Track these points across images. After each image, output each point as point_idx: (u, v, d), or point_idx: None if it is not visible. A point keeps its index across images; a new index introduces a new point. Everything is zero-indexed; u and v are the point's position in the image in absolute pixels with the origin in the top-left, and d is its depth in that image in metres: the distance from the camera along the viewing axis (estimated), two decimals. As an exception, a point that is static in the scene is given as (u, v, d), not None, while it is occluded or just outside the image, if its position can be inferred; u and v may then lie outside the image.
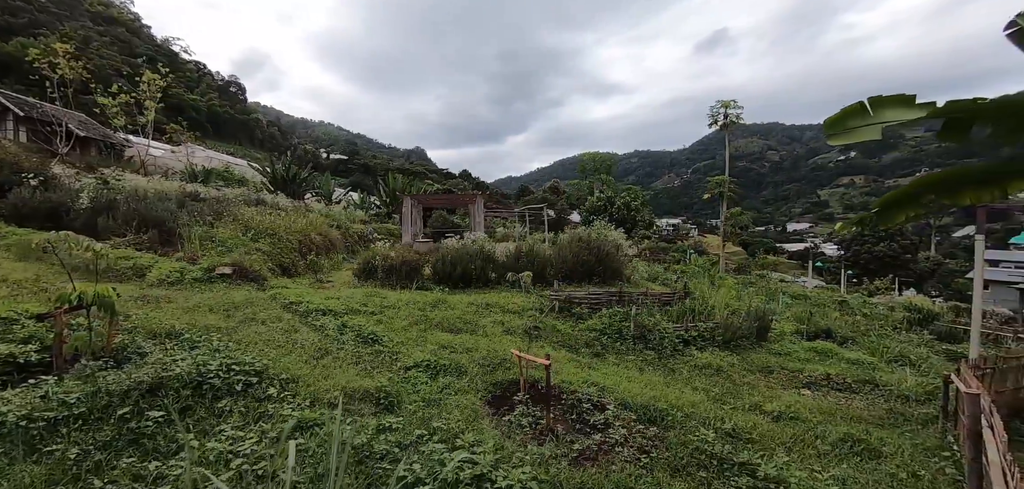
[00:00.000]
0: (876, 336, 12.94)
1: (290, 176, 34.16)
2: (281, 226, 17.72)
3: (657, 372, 8.14)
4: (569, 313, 10.64)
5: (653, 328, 9.76)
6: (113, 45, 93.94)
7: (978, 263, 6.86)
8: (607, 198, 26.43)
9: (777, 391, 7.99)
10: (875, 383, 8.64)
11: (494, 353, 7.72)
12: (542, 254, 12.70)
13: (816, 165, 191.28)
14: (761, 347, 10.73)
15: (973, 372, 6.23)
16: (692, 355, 9.27)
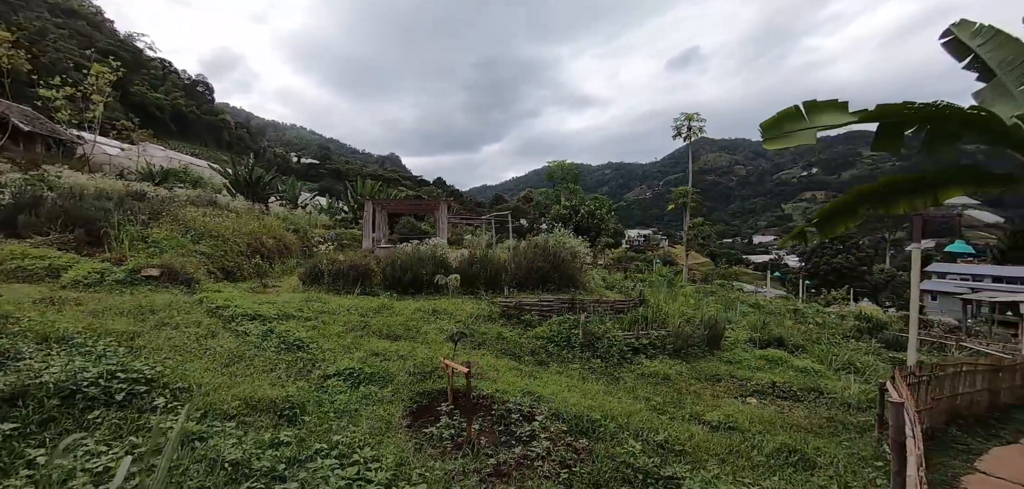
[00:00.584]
0: (826, 344, 13.07)
1: (253, 179, 32.90)
2: (229, 228, 16.85)
3: (600, 381, 7.85)
4: (518, 320, 10.28)
5: (602, 336, 9.49)
6: (72, 38, 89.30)
7: (915, 273, 6.85)
8: (572, 206, 26.38)
9: (723, 400, 7.81)
10: (820, 391, 8.58)
11: (430, 361, 7.26)
12: (496, 260, 12.33)
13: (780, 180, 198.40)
14: (713, 355, 10.62)
15: (908, 380, 6.15)
16: (641, 363, 9.04)
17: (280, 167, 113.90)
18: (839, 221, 6.29)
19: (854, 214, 6.17)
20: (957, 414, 7.55)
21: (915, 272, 6.93)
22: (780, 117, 5.77)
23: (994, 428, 7.98)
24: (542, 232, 18.09)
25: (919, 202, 5.79)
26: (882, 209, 6.08)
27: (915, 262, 6.92)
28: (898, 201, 5.90)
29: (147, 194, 19.63)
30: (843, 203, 6.02)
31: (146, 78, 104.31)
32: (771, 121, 5.81)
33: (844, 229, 6.38)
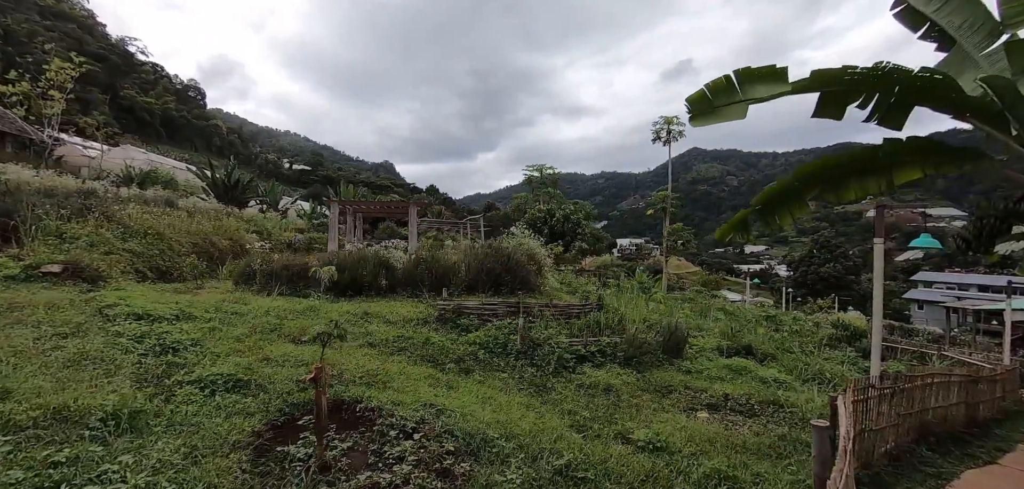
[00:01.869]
0: (798, 353, 12.22)
1: (231, 182, 31.87)
2: (176, 228, 15.90)
3: (525, 393, 6.92)
4: (455, 324, 9.35)
5: (544, 342, 8.58)
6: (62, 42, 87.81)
7: (877, 272, 6.02)
8: (548, 210, 25.55)
9: (667, 414, 6.90)
10: (780, 404, 7.70)
11: (333, 367, 6.33)
12: (444, 261, 11.40)
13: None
14: (672, 364, 9.72)
15: (867, 394, 5.28)
16: (584, 372, 8.12)
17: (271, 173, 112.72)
18: (783, 208, 5.45)
19: (799, 200, 5.34)
20: (928, 431, 6.68)
21: (877, 271, 6.10)
22: (709, 89, 4.94)
23: (970, 446, 7.12)
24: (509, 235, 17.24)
25: (871, 185, 4.97)
26: (830, 195, 5.26)
27: (877, 258, 6.08)
28: (848, 184, 5.08)
29: (97, 192, 18.58)
30: (785, 187, 5.20)
31: (137, 82, 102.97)
32: (698, 94, 4.97)
33: (790, 218, 5.55)
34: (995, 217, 3.72)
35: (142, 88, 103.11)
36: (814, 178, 5.06)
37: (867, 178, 4.93)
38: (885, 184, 4.83)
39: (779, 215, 5.56)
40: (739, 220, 5.78)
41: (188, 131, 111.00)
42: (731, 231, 5.84)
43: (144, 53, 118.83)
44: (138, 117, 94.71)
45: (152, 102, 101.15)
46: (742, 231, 5.83)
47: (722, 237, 5.98)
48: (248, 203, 36.06)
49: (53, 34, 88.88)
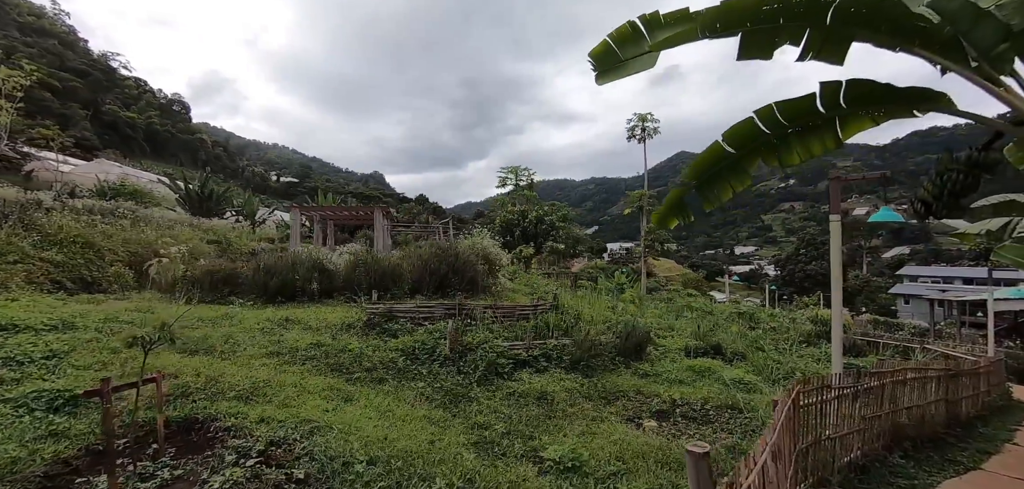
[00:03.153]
0: (772, 351, 11.40)
1: (205, 193, 30.70)
2: (110, 237, 14.83)
3: (439, 405, 5.99)
4: (384, 329, 8.40)
5: (479, 346, 7.65)
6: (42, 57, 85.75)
7: (834, 253, 5.19)
8: (520, 212, 24.67)
9: (606, 425, 5.98)
10: (739, 408, 6.83)
11: (216, 378, 5.44)
12: (385, 263, 10.46)
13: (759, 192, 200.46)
14: (629, 367, 8.84)
15: (823, 395, 4.41)
16: (520, 379, 7.20)
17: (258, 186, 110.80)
18: (721, 181, 4.61)
19: (738, 169, 4.50)
20: (902, 435, 5.83)
21: (835, 253, 5.26)
22: (614, 40, 4.10)
23: (951, 450, 6.29)
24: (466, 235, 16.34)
25: (815, 143, 4.14)
26: (772, 159, 4.42)
27: (834, 236, 5.26)
28: (789, 145, 4.24)
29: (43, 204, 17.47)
30: (718, 155, 4.35)
31: (120, 97, 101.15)
32: (601, 47, 4.11)
33: (731, 192, 4.71)
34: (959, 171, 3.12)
35: (125, 103, 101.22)
36: (749, 140, 4.22)
37: (810, 136, 4.10)
38: (831, 140, 4.00)
39: (718, 189, 4.72)
40: (674, 200, 4.93)
41: (173, 145, 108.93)
42: (668, 213, 4.97)
43: (127, 68, 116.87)
44: (121, 132, 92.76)
45: (135, 117, 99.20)
46: (680, 212, 4.97)
47: (659, 223, 5.12)
48: (224, 215, 34.93)
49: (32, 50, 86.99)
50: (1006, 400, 10.46)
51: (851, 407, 4.90)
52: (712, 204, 4.80)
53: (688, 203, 5.04)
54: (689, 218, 4.97)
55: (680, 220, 5.04)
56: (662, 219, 5.05)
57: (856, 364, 11.71)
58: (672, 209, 4.96)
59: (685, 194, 4.83)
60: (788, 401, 3.49)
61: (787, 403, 3.47)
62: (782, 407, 3.29)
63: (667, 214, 4.98)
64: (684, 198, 4.93)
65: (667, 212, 4.97)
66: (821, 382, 4.36)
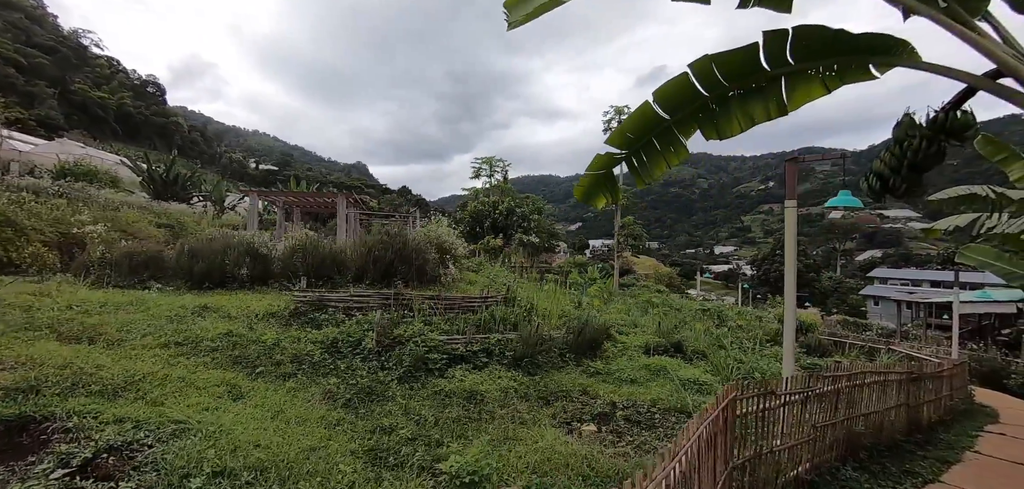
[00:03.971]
0: (735, 350, 10.95)
1: (170, 177, 29.02)
2: (39, 216, 13.66)
3: (345, 405, 5.27)
4: (310, 319, 7.62)
5: (411, 339, 6.94)
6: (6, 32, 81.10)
7: (789, 244, 4.62)
8: (491, 203, 23.97)
9: (538, 429, 5.35)
10: (688, 411, 6.28)
11: (76, 374, 4.61)
12: (322, 249, 9.64)
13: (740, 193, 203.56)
14: (580, 364, 8.25)
15: (751, 405, 3.83)
16: (452, 376, 6.52)
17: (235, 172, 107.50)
18: (654, 152, 3.99)
19: (672, 138, 3.87)
20: (858, 444, 5.33)
21: (789, 244, 4.70)
22: None
23: (910, 460, 5.84)
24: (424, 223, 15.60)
25: (758, 108, 3.53)
26: (711, 130, 3.81)
27: (789, 224, 4.69)
28: (730, 110, 3.64)
29: None
30: (649, 119, 3.71)
31: (90, 76, 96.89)
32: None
33: (665, 165, 4.09)
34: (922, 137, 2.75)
35: (96, 83, 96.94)
36: (684, 102, 3.60)
37: (752, 101, 3.49)
38: (775, 106, 3.41)
39: (651, 162, 4.08)
40: (599, 170, 4.27)
41: (146, 128, 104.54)
42: (592, 188, 4.32)
43: (99, 46, 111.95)
44: (91, 113, 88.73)
45: (106, 97, 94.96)
46: (606, 188, 4.33)
47: (583, 197, 4.46)
48: (190, 200, 33.41)
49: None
50: (968, 404, 10.22)
51: (800, 414, 4.34)
52: (643, 178, 4.17)
53: (613, 176, 4.38)
54: (618, 197, 4.34)
55: (608, 199, 4.39)
56: (586, 194, 4.38)
57: (820, 365, 11.39)
58: (597, 184, 4.31)
59: (611, 164, 4.17)
60: (715, 412, 2.87)
61: (713, 413, 2.86)
62: (703, 420, 2.67)
63: (591, 189, 4.32)
64: (610, 172, 4.27)
65: (591, 187, 4.30)
66: (764, 387, 3.78)
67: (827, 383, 4.68)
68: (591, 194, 4.43)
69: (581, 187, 4.41)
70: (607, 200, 4.49)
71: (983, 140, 5.59)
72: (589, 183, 4.34)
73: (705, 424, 2.70)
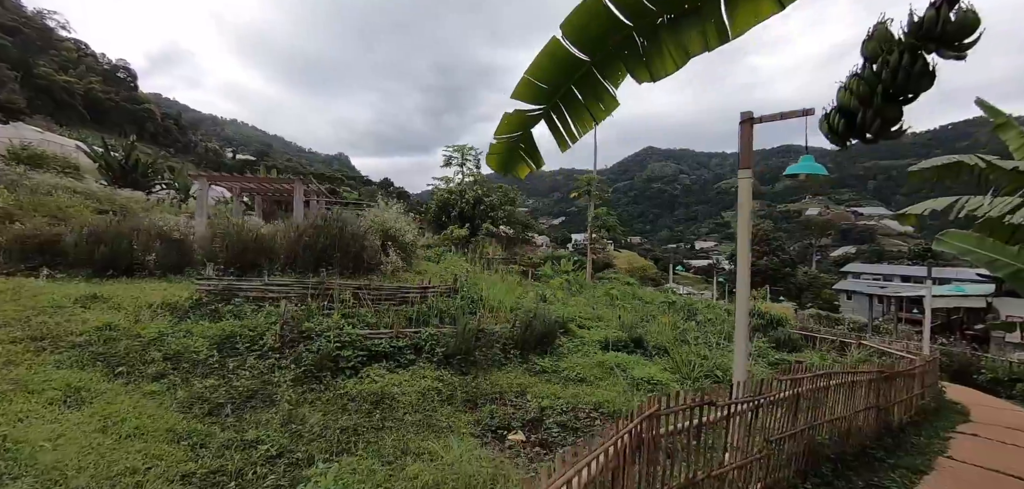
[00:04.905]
0: (699, 345, 10.28)
1: (129, 163, 26.99)
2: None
3: (209, 415, 4.35)
4: (214, 310, 6.63)
5: (323, 334, 6.02)
6: None
7: (743, 216, 3.85)
8: (459, 191, 23.00)
9: (450, 440, 4.51)
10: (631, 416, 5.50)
11: None
12: (247, 235, 8.61)
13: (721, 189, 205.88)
14: (526, 362, 7.44)
15: (679, 422, 3.04)
16: (367, 376, 5.63)
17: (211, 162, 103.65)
18: (575, 101, 3.17)
19: (594, 85, 3.06)
20: (821, 455, 4.62)
21: (743, 215, 3.93)
22: None
23: (877, 471, 5.17)
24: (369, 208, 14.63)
25: (694, 38, 2.69)
26: (642, 70, 2.98)
27: (743, 194, 3.92)
28: (660, 43, 2.83)
29: None
30: (561, 62, 2.88)
31: (56, 59, 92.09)
32: None
33: (590, 119, 3.27)
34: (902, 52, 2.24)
35: (62, 66, 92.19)
36: (603, 37, 2.77)
37: (686, 27, 2.69)
38: (714, 32, 2.61)
39: (574, 116, 3.24)
40: (515, 132, 3.41)
41: (116, 115, 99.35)
42: (507, 154, 3.43)
43: (65, 28, 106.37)
44: (57, 97, 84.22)
45: (73, 81, 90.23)
46: (527, 153, 3.48)
47: (500, 166, 3.58)
48: (152, 188, 31.56)
49: (-54, 4, 77.69)
50: (939, 401, 9.75)
51: (751, 426, 3.58)
52: (566, 141, 3.34)
53: (529, 137, 3.51)
54: (539, 162, 3.49)
55: (529, 165, 3.54)
56: (503, 163, 3.53)
57: (788, 361, 10.82)
58: (512, 150, 3.46)
59: (526, 125, 3.32)
60: (617, 436, 2.05)
61: (614, 438, 2.04)
62: (599, 448, 1.85)
63: (507, 157, 3.46)
64: (529, 133, 3.42)
65: (505, 154, 3.44)
66: (701, 398, 2.98)
67: (785, 387, 3.93)
68: (508, 162, 3.55)
69: (494, 155, 3.52)
70: (529, 167, 3.62)
71: (981, 105, 4.92)
72: (502, 149, 3.47)
73: (598, 455, 1.88)
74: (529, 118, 3.26)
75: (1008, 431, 8.25)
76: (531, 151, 3.42)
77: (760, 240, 56.40)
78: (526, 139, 3.36)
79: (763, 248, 54.61)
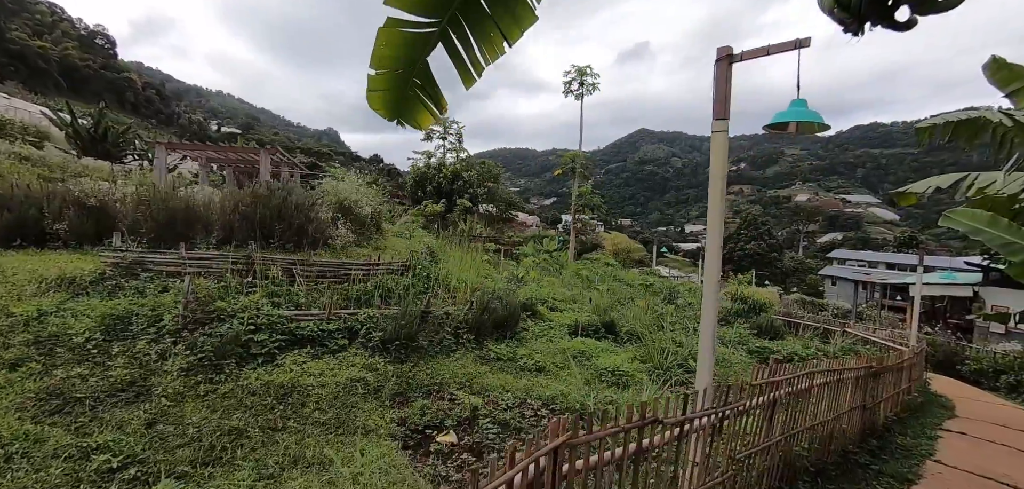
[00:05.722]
0: (679, 331, 9.63)
1: (98, 132, 25.24)
2: None
3: (54, 412, 3.55)
4: (115, 287, 5.77)
5: (237, 314, 5.21)
6: None
7: (715, 180, 3.07)
8: (437, 165, 22.01)
9: (358, 444, 3.76)
10: (584, 412, 4.81)
11: None
12: (175, 204, 7.67)
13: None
14: (482, 347, 6.71)
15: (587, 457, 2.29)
16: (282, 363, 4.85)
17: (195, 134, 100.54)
18: (489, 27, 2.35)
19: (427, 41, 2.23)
20: (798, 467, 3.95)
21: (715, 173, 3.15)
22: None
23: (863, 481, 4.54)
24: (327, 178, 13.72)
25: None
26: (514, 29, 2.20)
27: (715, 152, 3.14)
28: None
29: None
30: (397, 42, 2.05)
31: (29, 23, 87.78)
32: None
33: (502, 43, 2.44)
34: None
35: (36, 30, 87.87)
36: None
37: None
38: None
39: (477, 32, 2.39)
40: (402, 54, 2.49)
41: (95, 83, 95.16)
42: (394, 91, 2.49)
43: None
44: (31, 63, 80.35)
45: (47, 47, 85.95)
46: (424, 90, 2.59)
47: (389, 110, 2.65)
48: (123, 157, 30.02)
49: (-93, -41, 73.12)
50: (925, 394, 9.25)
51: (713, 445, 2.85)
52: (471, 75, 2.45)
53: None
54: (442, 104, 2.60)
55: (427, 110, 2.62)
56: (391, 105, 2.56)
57: (771, 349, 10.26)
58: (400, 86, 2.50)
59: (417, 47, 2.42)
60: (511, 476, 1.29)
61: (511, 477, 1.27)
62: None
63: (394, 95, 2.52)
64: (426, 66, 2.51)
65: (393, 91, 2.50)
66: (641, 415, 2.22)
67: (759, 393, 3.21)
68: (399, 104, 2.59)
69: (378, 93, 2.52)
70: (431, 113, 2.69)
71: (994, 63, 4.18)
72: (389, 85, 2.53)
73: None
74: (420, 40, 2.37)
75: (996, 428, 7.77)
76: (430, 89, 2.51)
77: (748, 224, 56.23)
78: (422, 73, 2.46)
79: (751, 232, 54.46)
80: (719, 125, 3.16)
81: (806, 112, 2.84)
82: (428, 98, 2.53)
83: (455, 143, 25.62)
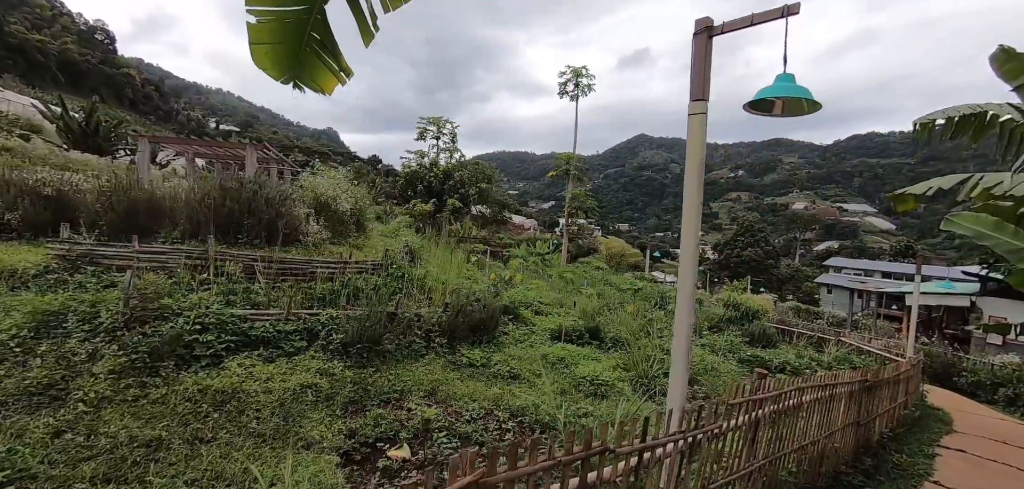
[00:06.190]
0: (668, 336, 9.27)
1: (90, 126, 24.76)
2: None
3: None
4: (58, 282, 5.37)
5: (182, 311, 4.82)
6: None
7: (692, 166, 2.71)
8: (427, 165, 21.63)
9: (293, 460, 3.37)
10: (553, 426, 4.44)
11: None
12: (139, 196, 7.28)
13: (709, 180, 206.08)
14: (454, 352, 6.32)
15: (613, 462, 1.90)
16: (229, 366, 4.45)
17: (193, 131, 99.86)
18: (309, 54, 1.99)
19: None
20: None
21: (692, 160, 2.79)
22: None
23: (855, 506, 4.18)
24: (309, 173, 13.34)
25: None
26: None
27: (692, 136, 2.77)
28: None
29: None
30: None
31: (28, 17, 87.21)
32: None
33: None
34: None
35: (35, 24, 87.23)
36: None
37: None
38: None
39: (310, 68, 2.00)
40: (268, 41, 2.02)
41: (93, 78, 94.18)
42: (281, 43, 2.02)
43: None
44: (29, 57, 79.58)
45: (46, 41, 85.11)
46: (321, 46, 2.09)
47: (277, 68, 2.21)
48: (116, 152, 29.62)
49: (-98, -47, 72.58)
50: (921, 408, 8.91)
51: (682, 474, 2.48)
52: (369, 27, 2.02)
53: None
54: (346, 69, 2.17)
55: (327, 69, 2.15)
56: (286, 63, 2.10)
57: (762, 357, 9.90)
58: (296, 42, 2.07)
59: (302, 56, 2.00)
60: None
61: None
62: None
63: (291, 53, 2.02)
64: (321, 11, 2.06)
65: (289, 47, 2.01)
66: (586, 444, 1.85)
67: (736, 413, 2.84)
68: (293, 60, 2.10)
69: (264, 47, 1.97)
70: (334, 75, 2.19)
71: (1003, 53, 3.84)
72: (279, 35, 1.99)
73: None
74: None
75: (995, 444, 7.42)
76: (328, 45, 2.07)
77: (746, 231, 55.98)
78: (319, 26, 2.01)
79: (748, 239, 54.21)
80: (697, 107, 2.80)
81: (794, 87, 2.48)
82: (329, 56, 2.13)
83: (449, 143, 25.24)
